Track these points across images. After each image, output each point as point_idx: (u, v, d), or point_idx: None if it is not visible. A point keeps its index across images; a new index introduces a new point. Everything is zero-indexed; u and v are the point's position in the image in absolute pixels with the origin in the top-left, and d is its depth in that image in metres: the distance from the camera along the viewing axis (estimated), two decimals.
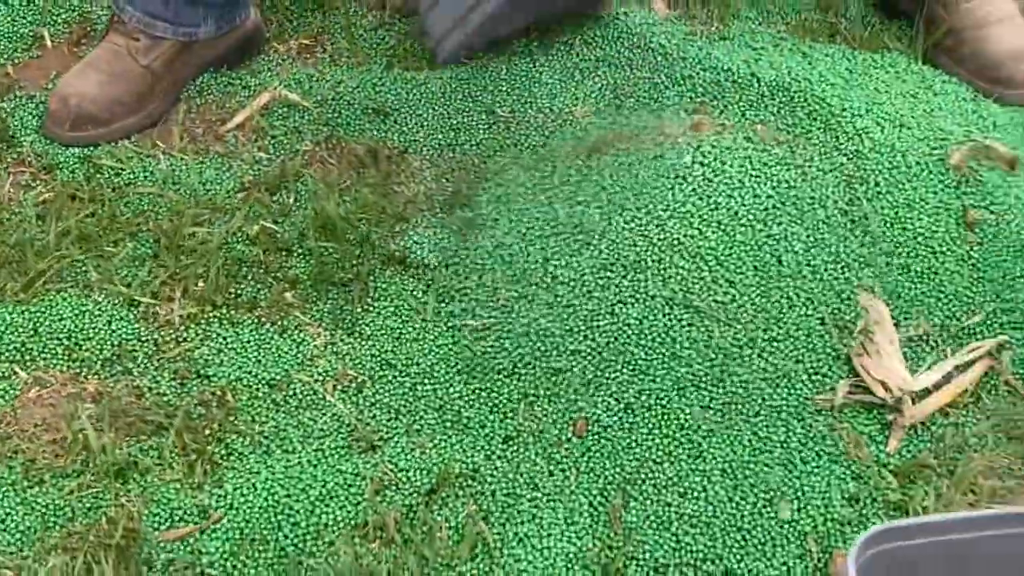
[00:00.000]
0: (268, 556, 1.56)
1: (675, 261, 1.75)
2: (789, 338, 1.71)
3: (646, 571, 1.55)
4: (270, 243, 1.91)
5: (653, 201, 1.82)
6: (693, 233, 1.78)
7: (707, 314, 1.71)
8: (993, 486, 1.62)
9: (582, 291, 1.75)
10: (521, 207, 1.87)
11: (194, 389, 1.75)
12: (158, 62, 2.13)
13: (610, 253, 1.77)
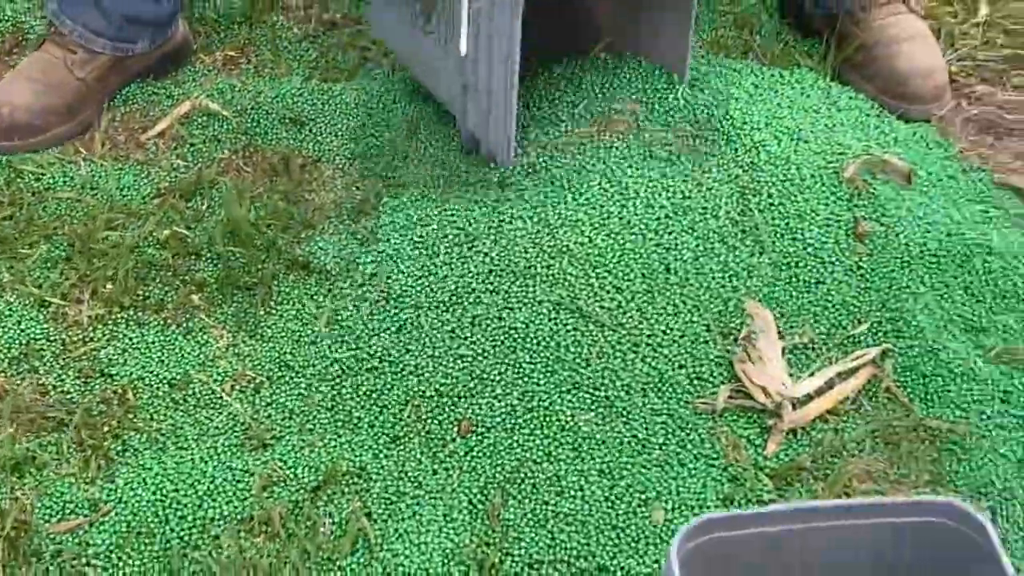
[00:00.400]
0: (153, 549, 1.60)
1: (563, 267, 1.80)
2: (673, 343, 1.76)
3: (520, 567, 1.59)
4: (180, 247, 1.95)
5: (545, 210, 1.87)
6: (583, 240, 1.82)
7: (593, 319, 1.76)
8: (867, 489, 1.66)
9: (470, 296, 1.79)
10: (420, 216, 1.92)
11: (97, 387, 1.79)
12: (93, 75, 2.18)
13: (500, 259, 1.82)
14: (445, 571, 1.58)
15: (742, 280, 1.83)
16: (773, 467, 1.69)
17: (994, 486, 1.66)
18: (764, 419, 1.73)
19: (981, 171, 2.08)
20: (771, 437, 1.71)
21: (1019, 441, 1.70)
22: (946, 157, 2.09)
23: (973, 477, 1.67)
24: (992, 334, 1.83)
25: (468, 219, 1.89)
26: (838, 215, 1.91)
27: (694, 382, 1.74)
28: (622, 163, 1.94)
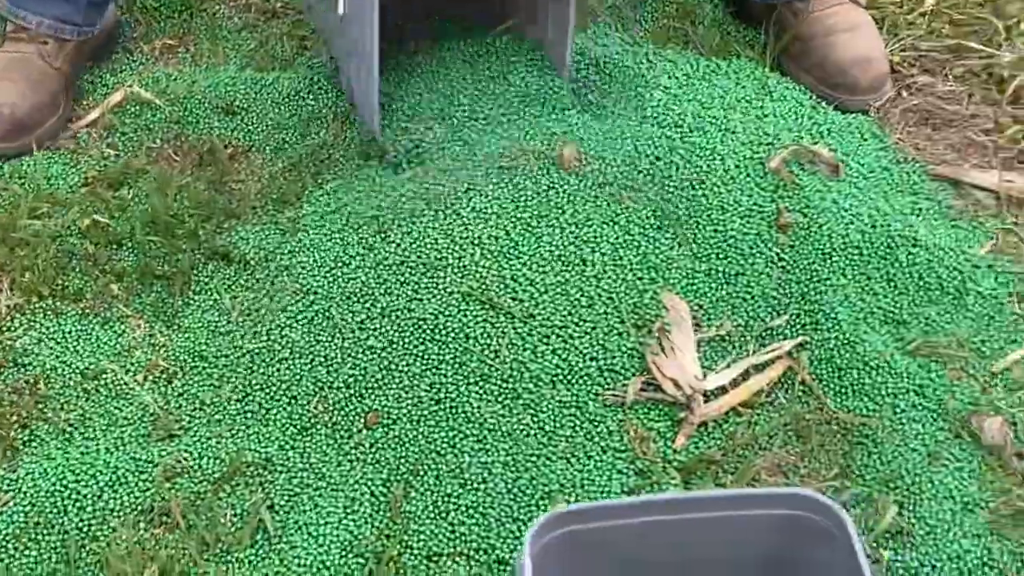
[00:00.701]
0: (52, 539, 1.59)
1: (475, 259, 1.78)
2: (585, 336, 1.74)
3: (419, 559, 1.58)
4: (102, 237, 1.95)
5: (459, 201, 1.85)
6: (498, 233, 1.81)
7: (503, 310, 1.74)
8: (776, 482, 1.64)
9: (380, 287, 1.78)
10: (339, 207, 1.91)
11: (10, 377, 1.78)
12: (67, 63, 2.17)
13: (411, 250, 1.81)
14: (343, 563, 1.57)
15: (660, 272, 1.81)
16: (682, 460, 1.67)
17: (903, 480, 1.64)
18: (675, 412, 1.71)
19: (916, 163, 2.06)
20: (681, 430, 1.70)
21: (931, 435, 1.69)
22: (880, 148, 2.07)
23: (883, 471, 1.65)
24: (913, 327, 1.81)
25: (382, 210, 1.87)
26: (761, 206, 1.89)
27: (605, 374, 1.72)
28: (536, 155, 1.92)
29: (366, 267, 1.81)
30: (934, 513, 1.61)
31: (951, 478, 1.64)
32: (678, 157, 1.93)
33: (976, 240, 1.93)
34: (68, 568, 1.57)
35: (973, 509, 1.62)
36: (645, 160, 1.93)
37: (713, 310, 1.80)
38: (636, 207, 1.86)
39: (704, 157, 1.93)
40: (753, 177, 1.92)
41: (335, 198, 1.94)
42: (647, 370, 1.73)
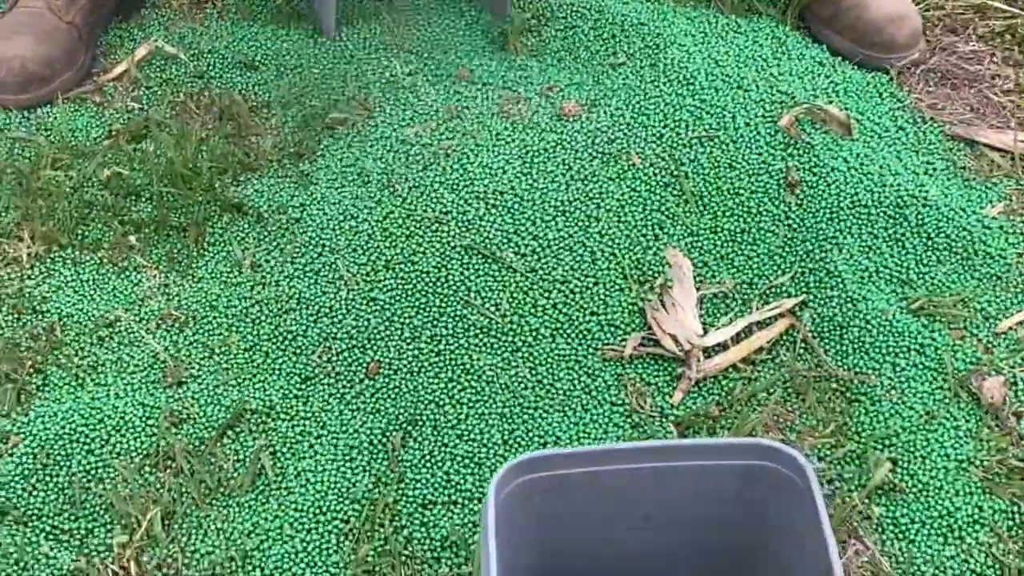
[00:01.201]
0: (59, 481, 1.63)
1: (480, 213, 1.80)
2: (587, 291, 1.76)
3: (414, 506, 1.60)
4: (121, 188, 1.98)
5: (467, 160, 1.87)
6: (503, 188, 1.83)
7: (505, 264, 1.76)
8: (772, 438, 1.66)
9: (385, 239, 1.80)
10: (350, 160, 1.93)
11: (28, 323, 1.83)
12: (79, 17, 2.21)
13: (416, 204, 1.83)
14: (340, 509, 1.60)
15: (665, 229, 1.82)
16: (679, 415, 1.69)
17: (898, 437, 1.65)
18: (674, 368, 1.73)
19: (932, 122, 2.05)
20: (679, 385, 1.71)
21: (928, 394, 1.69)
22: (897, 108, 2.06)
23: (879, 428, 1.66)
24: (917, 286, 1.81)
25: (391, 164, 1.90)
26: (770, 164, 1.89)
27: (605, 329, 1.74)
28: (544, 117, 1.93)
29: (372, 220, 1.84)
30: (927, 471, 1.62)
31: (947, 436, 1.65)
32: (687, 114, 1.93)
33: (988, 200, 1.92)
34: (74, 509, 1.61)
35: (967, 468, 1.62)
36: (654, 116, 1.93)
37: (717, 267, 1.81)
38: (643, 164, 1.87)
39: (715, 114, 1.93)
40: (763, 135, 1.92)
41: (347, 153, 1.97)
42: (647, 325, 1.75)
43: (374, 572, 1.55)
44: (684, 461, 1.18)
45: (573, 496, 1.19)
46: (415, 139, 1.94)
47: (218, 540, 1.58)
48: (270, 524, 1.59)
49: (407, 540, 1.58)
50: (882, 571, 1.54)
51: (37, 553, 1.57)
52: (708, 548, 1.27)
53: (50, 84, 2.14)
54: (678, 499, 1.21)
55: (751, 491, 1.19)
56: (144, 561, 1.57)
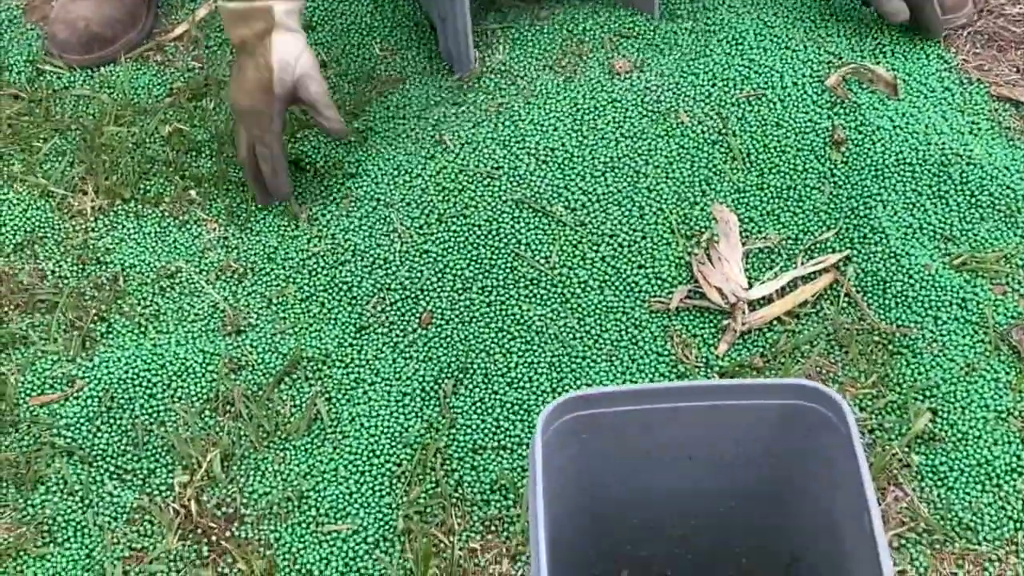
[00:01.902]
0: (121, 423, 1.69)
1: (531, 169, 1.85)
2: (634, 244, 1.80)
3: (464, 451, 1.65)
4: (181, 144, 2.04)
5: (519, 118, 1.91)
6: (554, 145, 1.87)
7: (555, 218, 1.81)
8: None
9: (438, 194, 1.85)
10: (403, 118, 1.98)
11: (92, 273, 1.89)
12: None
13: (468, 160, 1.87)
14: (392, 452, 1.65)
15: (712, 185, 1.86)
16: (723, 365, 1.72)
17: (938, 389, 1.68)
18: (719, 320, 1.77)
19: (979, 83, 2.07)
20: (723, 337, 1.75)
21: (969, 347, 1.72)
22: (945, 69, 2.09)
23: (919, 380, 1.69)
24: (960, 243, 1.84)
25: (444, 120, 1.94)
26: (816, 123, 1.92)
27: (652, 282, 1.78)
28: (595, 76, 1.97)
29: (426, 175, 1.88)
30: (967, 421, 1.65)
31: (987, 388, 1.68)
32: (736, 73, 1.97)
33: None
34: (136, 450, 1.67)
35: (1006, 418, 1.65)
36: (703, 76, 1.97)
37: (762, 223, 1.85)
38: (691, 122, 1.90)
39: (762, 74, 1.97)
40: (810, 95, 1.95)
41: (401, 110, 2.01)
42: (694, 279, 1.78)
43: (425, 513, 1.60)
44: (726, 400, 1.22)
45: (618, 434, 1.23)
46: (468, 95, 1.99)
47: (275, 481, 1.64)
48: (325, 466, 1.64)
49: (458, 483, 1.63)
50: (920, 516, 1.57)
51: (102, 491, 1.63)
52: (748, 487, 1.31)
53: (112, 44, 2.20)
54: (720, 438, 1.25)
55: (791, 431, 1.23)
56: (204, 500, 1.63)
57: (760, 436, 1.24)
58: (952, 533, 1.56)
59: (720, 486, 1.33)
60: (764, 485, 1.32)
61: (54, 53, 2.18)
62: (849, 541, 1.19)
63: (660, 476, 1.31)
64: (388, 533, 1.59)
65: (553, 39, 2.09)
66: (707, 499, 1.34)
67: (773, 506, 1.33)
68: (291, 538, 1.59)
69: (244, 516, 1.61)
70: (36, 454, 1.66)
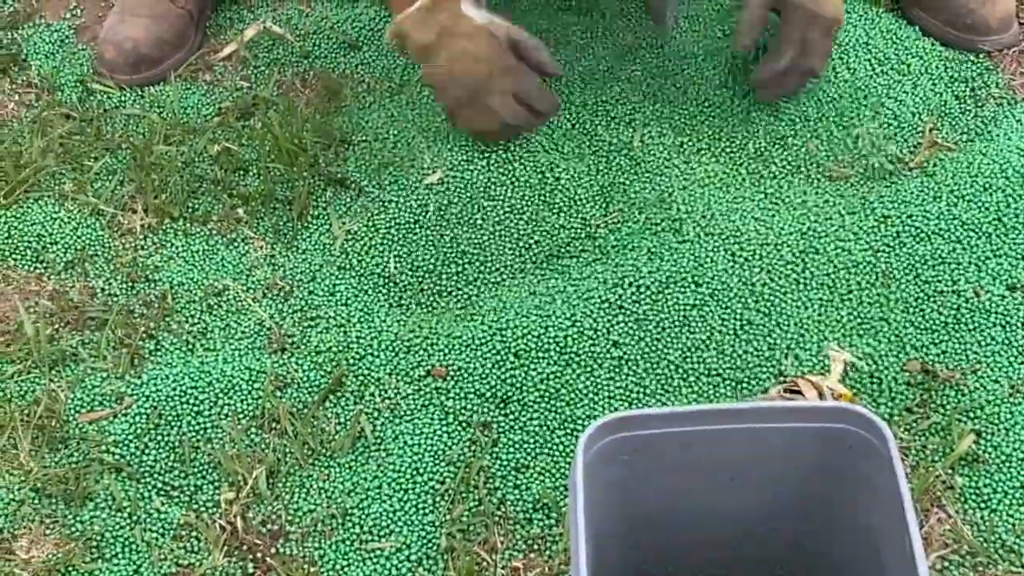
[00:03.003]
0: (169, 439, 1.72)
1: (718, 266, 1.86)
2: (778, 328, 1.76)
3: (508, 470, 1.67)
4: (229, 163, 2.06)
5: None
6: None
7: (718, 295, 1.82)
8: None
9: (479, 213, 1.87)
10: (444, 137, 2.01)
11: (141, 291, 1.91)
12: (192, 2, 2.30)
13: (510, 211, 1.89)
14: (436, 470, 1.67)
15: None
16: None
17: (982, 410, 1.68)
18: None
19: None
20: None
21: (1014, 368, 1.72)
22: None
23: (963, 401, 1.69)
24: (1006, 261, 1.83)
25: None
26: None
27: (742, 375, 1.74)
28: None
29: (454, 206, 1.90)
30: (1010, 442, 1.65)
31: None
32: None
33: None
34: (183, 467, 1.69)
35: None
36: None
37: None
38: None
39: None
40: None
41: (440, 131, 2.03)
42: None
43: (468, 532, 1.62)
44: (767, 423, 1.22)
45: (658, 456, 1.24)
46: None
47: (320, 498, 1.65)
48: (369, 484, 1.66)
49: (500, 501, 1.64)
50: (964, 538, 1.57)
51: (149, 508, 1.66)
52: (789, 509, 1.31)
53: (160, 65, 2.23)
54: (761, 461, 1.25)
55: (832, 453, 1.23)
56: (249, 517, 1.65)
57: (801, 458, 1.25)
58: (995, 555, 1.56)
59: (761, 507, 1.33)
60: (805, 507, 1.32)
61: (103, 73, 2.21)
62: (890, 564, 1.19)
63: (701, 497, 1.32)
64: (431, 551, 1.60)
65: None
66: (748, 520, 1.35)
67: (814, 528, 1.33)
68: (335, 555, 1.61)
69: (289, 533, 1.63)
70: (85, 470, 1.68)
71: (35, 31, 2.34)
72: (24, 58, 2.29)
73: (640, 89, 2.08)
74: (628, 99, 2.07)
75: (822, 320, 1.76)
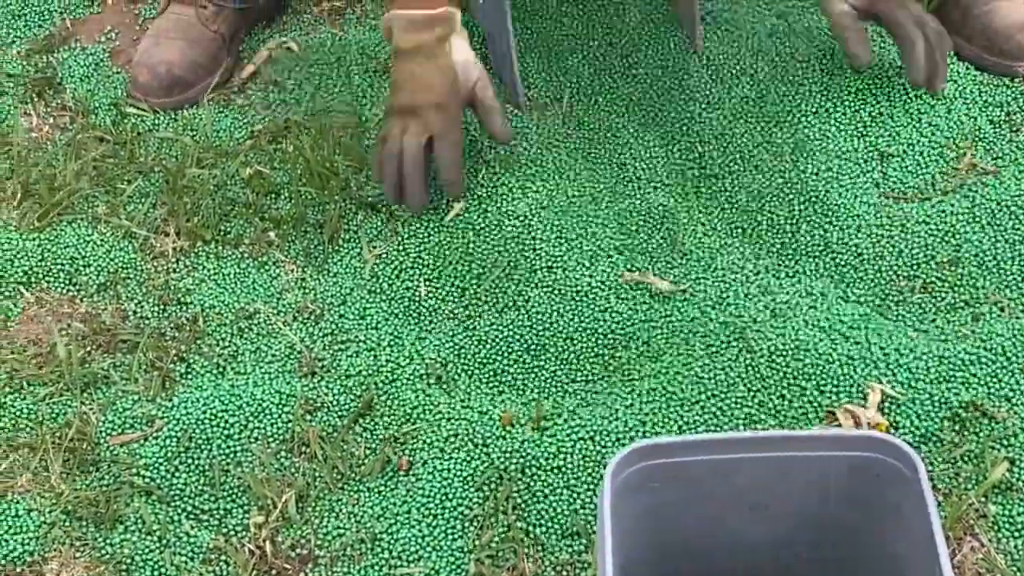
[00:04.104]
0: (199, 463, 1.72)
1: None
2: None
3: (536, 495, 1.66)
4: (261, 186, 2.07)
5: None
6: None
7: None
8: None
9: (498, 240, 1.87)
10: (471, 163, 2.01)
11: (173, 314, 1.92)
12: (224, 26, 2.31)
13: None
14: (465, 496, 1.66)
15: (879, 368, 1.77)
16: None
17: (1016, 438, 1.66)
18: None
19: None
20: None
21: None
22: None
23: (996, 428, 1.67)
24: None
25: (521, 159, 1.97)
26: None
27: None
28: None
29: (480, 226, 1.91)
30: None
31: None
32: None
33: None
34: (213, 490, 1.69)
35: None
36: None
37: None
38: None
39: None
40: None
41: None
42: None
43: (497, 558, 1.61)
44: (797, 451, 1.22)
45: (687, 483, 1.24)
46: (545, 133, 2.01)
47: (349, 523, 1.65)
48: (398, 509, 1.65)
49: (530, 528, 1.63)
50: (997, 568, 1.56)
51: (179, 531, 1.66)
52: (818, 538, 1.30)
53: (192, 88, 2.24)
54: (790, 489, 1.25)
55: (862, 482, 1.22)
56: (279, 541, 1.65)
57: (831, 486, 1.24)
58: None
59: (790, 535, 1.32)
60: (834, 535, 1.31)
61: (136, 96, 2.22)
62: None
63: (730, 524, 1.31)
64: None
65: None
66: (777, 547, 1.34)
67: (840, 556, 1.32)
68: None
69: (318, 558, 1.63)
70: (115, 493, 1.69)
71: (70, 54, 2.36)
72: (59, 81, 2.31)
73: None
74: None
75: (859, 353, 1.74)
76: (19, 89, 2.28)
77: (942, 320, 1.80)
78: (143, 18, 2.44)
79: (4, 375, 1.84)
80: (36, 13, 2.43)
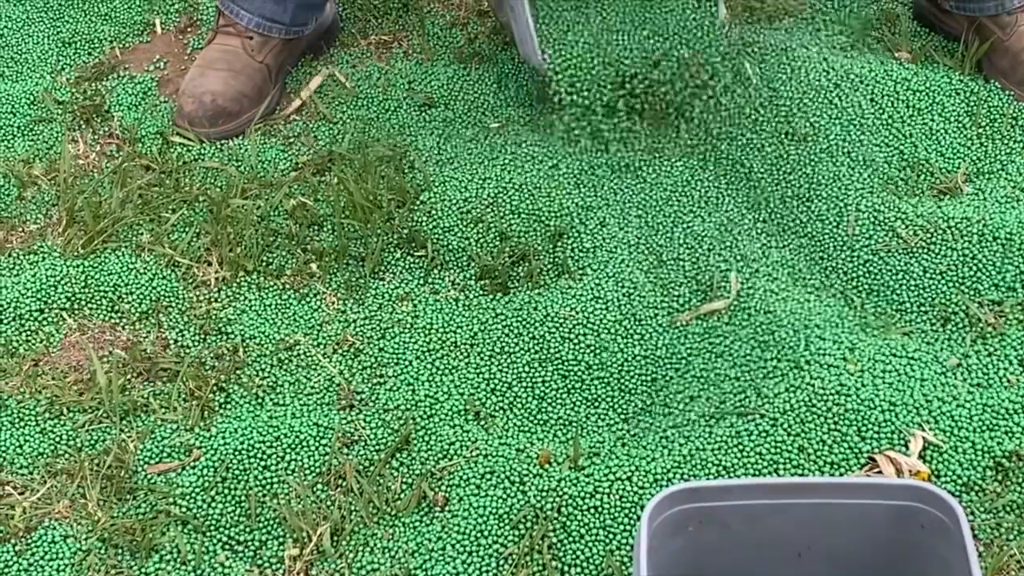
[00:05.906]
0: (236, 493, 1.72)
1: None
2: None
3: (571, 536, 1.65)
4: (304, 218, 2.08)
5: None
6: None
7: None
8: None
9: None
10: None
11: (213, 343, 1.92)
12: (270, 57, 2.32)
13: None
14: (500, 533, 1.65)
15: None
16: None
17: None
18: None
19: None
20: None
21: None
22: None
23: None
24: None
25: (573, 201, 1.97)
26: None
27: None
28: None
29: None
30: None
31: None
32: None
33: None
34: (249, 521, 1.69)
35: None
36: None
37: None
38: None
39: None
40: None
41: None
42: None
43: None
44: (837, 499, 1.21)
45: (725, 528, 1.23)
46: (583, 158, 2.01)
47: (383, 558, 1.65)
48: (433, 544, 1.65)
49: (565, 568, 1.62)
50: None
51: (214, 562, 1.66)
52: None
53: (238, 118, 2.25)
54: (829, 537, 1.23)
55: (903, 531, 1.21)
56: (313, 574, 1.64)
57: (871, 534, 1.23)
58: None
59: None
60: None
61: (182, 125, 2.23)
62: None
63: (768, 570, 1.30)
64: None
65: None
66: None
67: None
68: None
69: None
70: (152, 522, 1.69)
71: (119, 83, 2.38)
72: (107, 109, 2.33)
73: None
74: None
75: (902, 399, 1.72)
76: (67, 116, 2.30)
77: (986, 366, 1.78)
78: (191, 48, 2.45)
79: (45, 401, 1.84)
80: (86, 41, 2.45)
